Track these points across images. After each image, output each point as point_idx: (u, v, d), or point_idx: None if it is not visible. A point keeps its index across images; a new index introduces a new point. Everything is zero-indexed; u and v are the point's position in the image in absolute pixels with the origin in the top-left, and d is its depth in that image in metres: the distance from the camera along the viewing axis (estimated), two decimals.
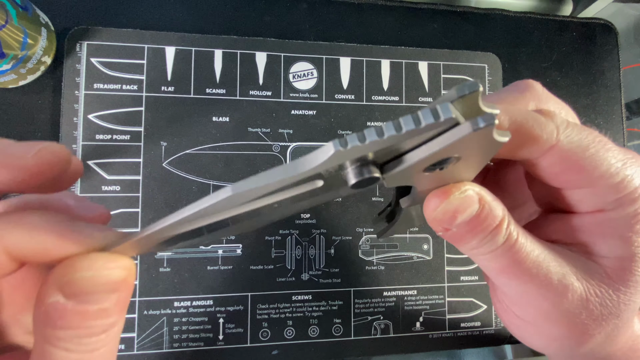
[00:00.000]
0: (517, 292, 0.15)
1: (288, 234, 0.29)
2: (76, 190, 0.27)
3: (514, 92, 0.16)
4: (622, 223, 0.15)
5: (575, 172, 0.14)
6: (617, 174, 0.14)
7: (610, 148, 0.14)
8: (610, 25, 0.36)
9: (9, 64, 0.24)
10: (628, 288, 0.15)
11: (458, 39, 0.33)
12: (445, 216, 0.14)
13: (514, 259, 0.14)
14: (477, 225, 0.14)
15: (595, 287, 0.15)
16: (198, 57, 0.29)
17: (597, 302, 0.15)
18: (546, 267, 0.14)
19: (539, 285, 0.15)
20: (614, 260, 0.15)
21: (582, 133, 0.14)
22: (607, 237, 0.15)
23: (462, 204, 0.14)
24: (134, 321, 0.27)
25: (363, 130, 0.11)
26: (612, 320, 0.15)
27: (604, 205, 0.15)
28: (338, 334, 0.29)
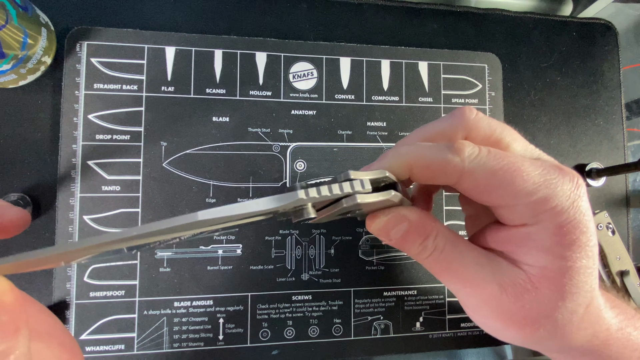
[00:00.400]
0: (453, 289, 0.19)
1: (288, 234, 0.29)
2: (76, 190, 0.27)
3: (446, 122, 0.20)
4: (544, 237, 0.17)
5: (487, 195, 0.17)
6: (531, 194, 0.16)
7: (523, 170, 0.16)
8: (610, 25, 0.36)
9: (9, 64, 0.24)
10: (553, 294, 0.17)
11: (458, 39, 0.33)
12: (379, 233, 0.19)
13: (442, 264, 0.18)
14: (407, 239, 0.18)
15: (518, 290, 0.17)
16: (198, 57, 0.29)
17: (519, 304, 0.17)
18: (471, 271, 0.18)
19: (464, 285, 0.18)
20: (537, 269, 0.17)
21: (492, 161, 0.17)
22: (531, 248, 0.17)
23: (388, 223, 0.18)
24: (134, 321, 0.27)
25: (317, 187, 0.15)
26: (544, 320, 0.17)
27: (526, 220, 0.17)
28: (338, 334, 0.29)
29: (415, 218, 0.18)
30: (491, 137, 0.19)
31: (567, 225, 0.16)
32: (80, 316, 0.27)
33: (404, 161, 0.18)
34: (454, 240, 0.19)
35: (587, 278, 0.17)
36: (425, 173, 0.18)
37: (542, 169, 0.17)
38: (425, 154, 0.17)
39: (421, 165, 0.17)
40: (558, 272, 0.16)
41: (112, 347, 0.27)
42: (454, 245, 0.18)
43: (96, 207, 0.27)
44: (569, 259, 0.16)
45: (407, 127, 0.32)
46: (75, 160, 0.27)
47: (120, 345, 0.27)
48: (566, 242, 0.16)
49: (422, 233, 0.18)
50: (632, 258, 0.32)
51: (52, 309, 0.26)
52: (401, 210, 0.19)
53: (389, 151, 0.19)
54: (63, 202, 0.27)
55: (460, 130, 0.19)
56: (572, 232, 0.16)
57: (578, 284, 0.16)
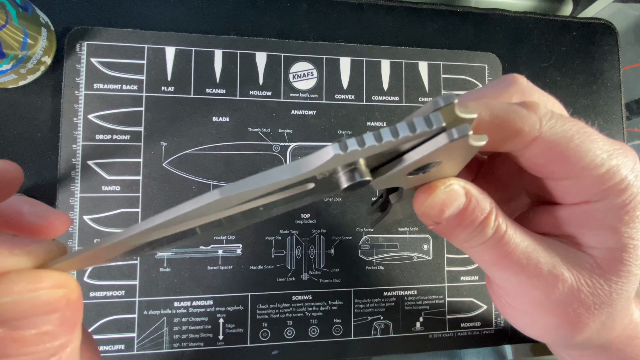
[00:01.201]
0: (509, 283, 0.16)
1: (288, 234, 0.29)
2: (76, 190, 0.27)
3: (499, 86, 0.17)
4: (610, 214, 0.15)
5: (559, 163, 0.15)
6: (602, 165, 0.14)
7: (595, 139, 0.14)
8: (610, 25, 0.36)
9: (9, 64, 0.24)
10: (620, 278, 0.15)
11: (458, 39, 0.33)
12: (433, 210, 0.15)
13: (503, 250, 0.15)
14: (465, 218, 0.15)
15: (587, 277, 0.15)
16: (198, 57, 0.29)
17: (588, 292, 0.15)
18: (536, 258, 0.15)
19: (529, 276, 0.15)
20: (604, 251, 0.15)
21: (566, 124, 0.14)
22: (595, 228, 0.15)
23: (448, 197, 0.14)
24: (134, 321, 0.27)
25: (362, 135, 0.11)
26: (605, 309, 0.15)
27: (590, 197, 0.15)
28: (338, 334, 0.29)
29: (476, 191, 0.15)
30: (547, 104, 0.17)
31: (633, 201, 0.15)
32: None
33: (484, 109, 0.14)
34: (512, 222, 0.15)
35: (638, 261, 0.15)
36: (496, 132, 0.14)
37: (606, 139, 0.15)
38: (497, 110, 0.14)
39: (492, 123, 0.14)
40: (624, 251, 0.15)
41: (112, 347, 0.27)
42: (514, 227, 0.15)
43: (96, 207, 0.27)
44: (635, 237, 0.15)
45: None
46: (75, 160, 0.27)
47: (120, 345, 0.27)
48: (631, 219, 0.15)
49: (483, 210, 0.15)
50: None
51: None
52: (458, 181, 0.15)
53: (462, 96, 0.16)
54: (63, 202, 0.27)
55: (516, 96, 0.16)
56: (637, 208, 0.15)
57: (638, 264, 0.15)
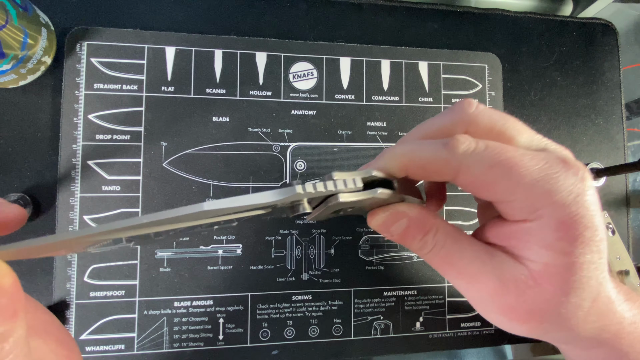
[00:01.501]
0: (455, 284, 0.19)
1: (288, 234, 0.29)
2: (76, 190, 0.27)
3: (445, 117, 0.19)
4: (544, 232, 0.16)
5: (484, 191, 0.17)
6: (530, 188, 0.16)
7: (521, 165, 0.16)
8: (610, 25, 0.36)
9: (9, 64, 0.24)
10: (556, 289, 0.16)
11: (458, 39, 0.33)
12: (378, 229, 0.19)
13: (443, 260, 0.18)
14: (407, 235, 0.19)
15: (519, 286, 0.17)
16: (198, 57, 0.29)
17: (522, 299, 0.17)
18: (472, 267, 0.18)
19: (466, 281, 0.18)
20: (539, 264, 0.17)
21: (490, 155, 0.16)
22: (533, 244, 0.17)
23: (387, 220, 0.19)
24: (134, 321, 0.27)
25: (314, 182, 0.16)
26: (548, 314, 0.17)
27: (526, 216, 0.17)
28: (338, 334, 0.29)
29: (415, 214, 0.19)
30: (493, 130, 0.18)
31: (569, 221, 0.16)
32: (80, 316, 0.27)
33: (399, 162, 0.18)
34: (455, 235, 0.18)
35: (592, 273, 0.16)
36: (421, 172, 0.18)
37: (543, 162, 0.16)
38: (420, 154, 0.17)
39: (416, 166, 0.18)
40: (561, 268, 0.16)
41: (112, 347, 0.27)
42: (454, 241, 0.18)
43: (96, 207, 0.27)
44: (572, 255, 0.16)
45: (407, 127, 0.32)
46: (75, 160, 0.27)
47: (120, 345, 0.27)
48: (568, 237, 0.16)
49: (422, 229, 0.18)
50: (632, 258, 0.32)
51: (52, 309, 0.26)
52: (400, 206, 0.19)
53: (386, 150, 0.19)
54: (63, 202, 0.27)
55: (459, 124, 0.19)
56: (574, 228, 0.16)
57: (582, 280, 0.16)
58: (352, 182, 0.16)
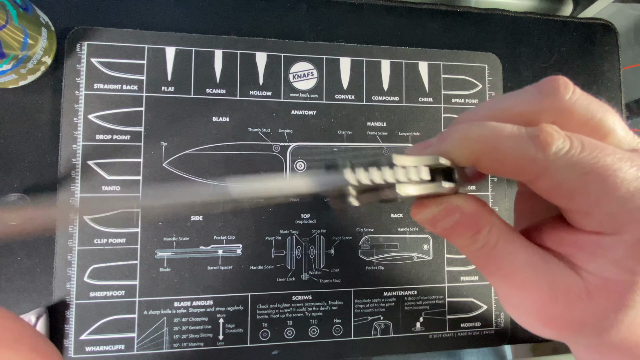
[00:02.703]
0: (497, 285, 0.17)
1: (288, 234, 0.29)
2: (76, 190, 0.27)
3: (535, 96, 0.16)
4: (618, 249, 0.15)
5: (567, 200, 0.15)
6: (623, 202, 0.14)
7: (618, 176, 0.14)
8: (610, 25, 0.36)
9: (9, 64, 0.24)
10: (610, 306, 0.15)
11: (458, 39, 0.33)
12: (424, 223, 0.17)
13: (491, 261, 0.16)
14: (457, 230, 0.16)
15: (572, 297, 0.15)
16: (198, 57, 0.29)
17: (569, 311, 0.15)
18: (522, 272, 0.16)
19: (511, 285, 0.16)
20: (598, 278, 0.15)
21: (585, 159, 0.14)
22: (599, 257, 0.15)
23: (439, 214, 0.16)
24: (134, 321, 0.27)
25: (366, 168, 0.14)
26: (590, 326, 0.16)
27: (603, 229, 0.15)
28: (338, 334, 0.29)
29: (471, 210, 0.16)
30: (589, 122, 0.15)
31: None
32: (80, 316, 0.27)
33: (472, 148, 0.15)
34: (509, 236, 0.16)
35: None
36: (497, 166, 0.15)
37: (633, 167, 0.14)
38: (501, 143, 0.14)
39: (493, 157, 0.14)
40: (622, 285, 0.15)
41: (112, 347, 0.27)
42: (507, 242, 0.16)
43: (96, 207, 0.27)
44: (637, 274, 0.14)
45: (407, 127, 0.32)
46: (75, 160, 0.27)
47: (120, 345, 0.27)
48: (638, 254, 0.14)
49: (475, 226, 0.16)
50: None
51: (52, 309, 0.26)
52: (455, 200, 0.16)
53: (454, 130, 0.16)
54: (63, 202, 0.27)
55: (549, 111, 0.15)
56: None
57: (637, 298, 0.15)
58: (416, 172, 0.14)
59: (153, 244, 0.28)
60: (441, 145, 0.16)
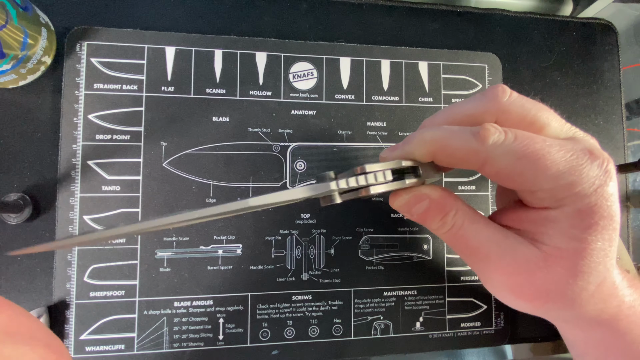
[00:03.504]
0: (470, 264, 0.20)
1: (288, 234, 0.29)
2: (76, 190, 0.27)
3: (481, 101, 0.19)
4: (562, 220, 0.17)
5: (510, 181, 0.18)
6: (555, 180, 0.17)
7: (548, 158, 0.17)
8: (610, 25, 0.36)
9: (9, 64, 0.24)
10: (565, 272, 0.17)
11: (458, 39, 0.33)
12: (400, 209, 0.20)
13: (459, 240, 0.19)
14: (428, 215, 0.20)
15: (531, 267, 0.18)
16: (198, 57, 0.29)
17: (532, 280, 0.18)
18: (487, 248, 0.19)
19: (480, 261, 0.19)
20: (552, 248, 0.18)
21: (518, 146, 0.17)
22: (549, 229, 0.18)
23: (409, 201, 0.20)
24: (134, 321, 0.27)
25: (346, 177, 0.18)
26: (554, 295, 0.18)
27: (548, 204, 0.18)
28: (338, 334, 0.29)
29: (436, 196, 0.19)
30: (524, 119, 0.18)
31: (587, 210, 0.17)
32: (80, 316, 0.27)
33: (428, 148, 0.18)
34: (473, 217, 0.19)
35: (601, 259, 0.17)
36: (449, 160, 0.18)
37: (570, 153, 0.17)
38: (449, 142, 0.18)
39: (444, 153, 0.18)
40: (572, 252, 0.17)
41: (112, 347, 0.27)
42: (472, 222, 0.19)
43: (96, 207, 0.27)
44: (584, 241, 0.17)
45: (407, 127, 0.32)
46: (75, 160, 0.27)
47: (120, 345, 0.27)
48: (584, 225, 0.17)
49: (442, 210, 0.19)
50: (632, 258, 0.32)
51: (52, 309, 0.26)
52: (423, 189, 0.20)
53: (414, 135, 0.19)
54: (63, 202, 0.27)
55: (491, 112, 0.19)
56: (591, 216, 0.17)
57: (591, 264, 0.17)
58: (382, 175, 0.18)
59: (153, 244, 0.28)
60: (405, 147, 0.19)
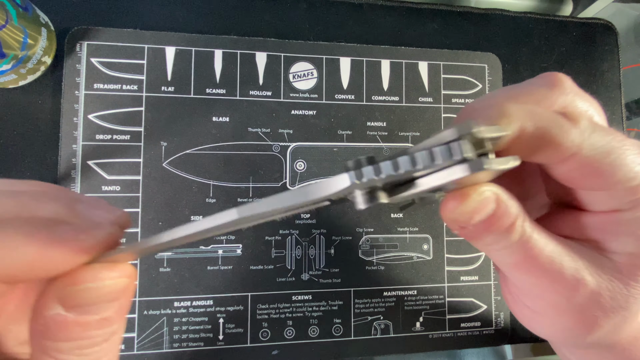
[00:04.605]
0: (529, 285, 0.16)
1: (288, 234, 0.29)
2: (76, 190, 0.27)
3: (541, 87, 0.16)
4: (636, 222, 0.15)
5: (594, 178, 0.15)
6: (635, 177, 0.14)
7: (631, 151, 0.15)
8: (610, 25, 0.36)
9: (9, 64, 0.24)
10: (637, 282, 0.15)
11: (458, 39, 0.33)
12: (462, 217, 0.14)
13: (528, 254, 0.15)
14: (493, 223, 0.14)
15: (607, 281, 0.15)
16: (198, 57, 0.29)
17: (607, 296, 0.15)
18: (559, 262, 0.15)
19: (551, 280, 0.15)
20: (625, 256, 0.15)
21: (606, 138, 0.14)
22: (621, 235, 0.15)
23: (479, 205, 0.14)
24: (134, 321, 0.27)
25: (379, 163, 0.11)
26: (621, 312, 0.15)
27: (620, 206, 0.15)
28: (338, 334, 0.29)
29: (506, 197, 0.14)
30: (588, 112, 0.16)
31: None
32: None
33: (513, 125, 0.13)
34: (536, 225, 0.15)
35: None
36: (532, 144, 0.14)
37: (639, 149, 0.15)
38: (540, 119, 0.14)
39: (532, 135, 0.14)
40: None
41: None
42: (539, 233, 0.15)
43: None
44: None
45: (407, 127, 0.32)
46: (75, 160, 0.27)
47: (120, 345, 0.27)
48: None
49: (511, 215, 0.14)
50: None
51: None
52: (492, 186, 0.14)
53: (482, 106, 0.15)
54: None
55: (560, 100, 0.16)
56: None
57: None
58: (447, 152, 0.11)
59: None
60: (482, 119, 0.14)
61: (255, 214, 0.12)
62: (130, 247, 0.12)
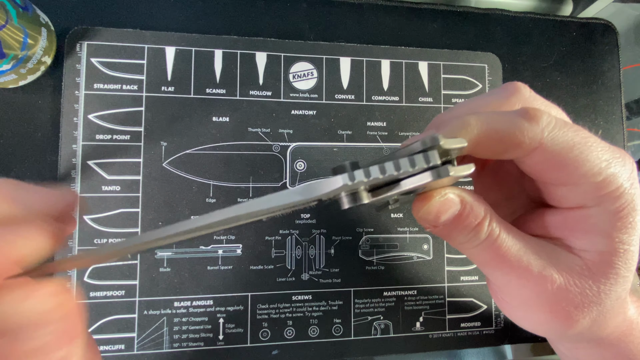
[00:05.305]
0: (501, 281, 0.17)
1: (288, 234, 0.29)
2: (76, 190, 0.27)
3: (500, 95, 0.17)
4: (603, 219, 0.16)
5: (558, 171, 0.16)
6: (599, 173, 0.15)
7: (595, 147, 0.15)
8: (610, 25, 0.35)
9: (9, 64, 0.24)
10: (608, 279, 0.16)
11: (458, 39, 0.33)
12: (429, 216, 0.16)
13: (497, 252, 0.16)
14: (460, 222, 0.16)
15: (575, 278, 0.16)
16: (198, 57, 0.29)
17: (577, 292, 0.16)
18: (527, 260, 0.16)
19: (519, 276, 0.16)
20: (594, 254, 0.16)
21: (568, 133, 0.15)
22: (588, 232, 0.16)
23: (442, 205, 0.16)
24: (134, 321, 0.27)
25: (368, 167, 0.13)
26: (594, 307, 0.16)
27: (585, 202, 0.16)
28: (338, 334, 0.29)
29: (471, 199, 0.16)
30: None
31: (627, 208, 0.15)
32: None
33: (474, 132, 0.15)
34: (505, 225, 0.16)
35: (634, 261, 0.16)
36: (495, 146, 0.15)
37: (607, 147, 0.15)
38: (497, 125, 0.15)
39: (493, 139, 0.15)
40: (614, 255, 0.15)
41: (112, 347, 0.27)
42: (507, 231, 0.16)
43: (96, 207, 0.27)
44: (625, 242, 0.15)
45: (407, 127, 0.32)
46: (75, 160, 0.27)
47: (120, 345, 0.27)
48: (623, 224, 0.15)
49: (477, 216, 0.16)
50: None
51: None
52: (455, 189, 0.16)
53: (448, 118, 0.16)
54: None
55: (518, 105, 0.17)
56: (630, 215, 0.15)
57: (629, 268, 0.16)
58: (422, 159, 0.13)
59: None
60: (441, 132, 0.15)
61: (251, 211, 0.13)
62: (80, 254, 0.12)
